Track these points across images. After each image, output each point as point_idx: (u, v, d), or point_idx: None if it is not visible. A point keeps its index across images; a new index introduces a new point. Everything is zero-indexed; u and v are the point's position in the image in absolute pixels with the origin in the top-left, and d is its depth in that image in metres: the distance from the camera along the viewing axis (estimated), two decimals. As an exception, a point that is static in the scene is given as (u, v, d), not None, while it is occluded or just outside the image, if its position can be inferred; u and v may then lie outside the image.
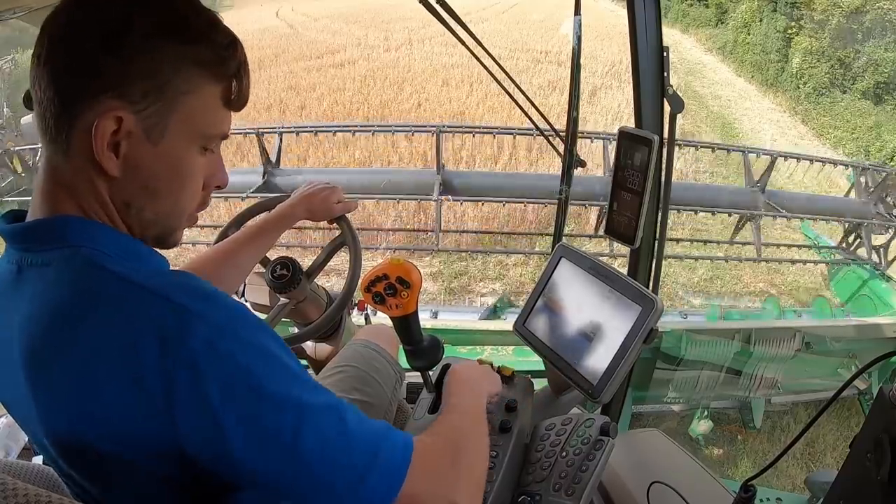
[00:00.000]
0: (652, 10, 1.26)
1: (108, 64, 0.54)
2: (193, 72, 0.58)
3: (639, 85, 1.33)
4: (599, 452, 0.85)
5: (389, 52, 13.93)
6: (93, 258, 0.55)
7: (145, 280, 0.53)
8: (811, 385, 3.26)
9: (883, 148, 9.98)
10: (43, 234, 0.57)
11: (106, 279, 0.53)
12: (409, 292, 0.87)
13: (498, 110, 8.95)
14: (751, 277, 5.60)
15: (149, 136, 0.57)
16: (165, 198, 0.61)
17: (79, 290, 0.53)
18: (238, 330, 0.53)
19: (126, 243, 0.60)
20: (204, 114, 0.60)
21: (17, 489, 0.47)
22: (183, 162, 0.61)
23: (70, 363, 0.51)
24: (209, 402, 0.49)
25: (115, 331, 0.51)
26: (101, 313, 0.52)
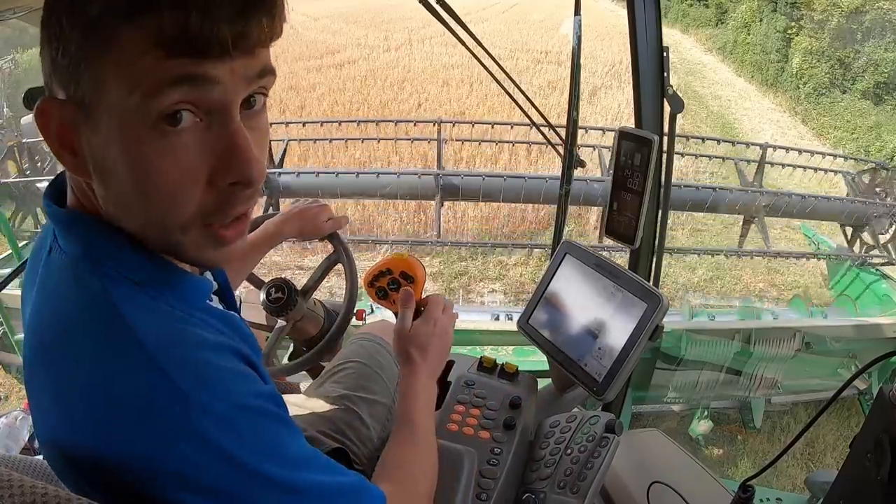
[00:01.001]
0: (652, 10, 1.26)
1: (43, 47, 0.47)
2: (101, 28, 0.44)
3: (639, 85, 1.33)
4: (605, 450, 0.84)
5: (389, 52, 13.93)
6: (109, 286, 0.49)
7: (156, 345, 0.47)
8: (811, 385, 3.27)
9: (883, 148, 9.98)
10: (69, 230, 0.52)
11: (114, 323, 0.47)
12: (413, 287, 0.87)
13: (498, 110, 8.94)
14: (751, 277, 5.60)
15: (87, 123, 0.47)
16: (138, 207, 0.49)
17: (83, 324, 0.48)
18: (241, 425, 0.48)
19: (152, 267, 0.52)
20: (131, 75, 0.44)
21: (13, 480, 0.47)
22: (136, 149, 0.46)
23: (58, 389, 0.48)
24: (199, 484, 0.46)
25: (111, 385, 0.46)
26: (99, 362, 0.47)
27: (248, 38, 0.46)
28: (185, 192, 0.48)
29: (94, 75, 0.45)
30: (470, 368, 1.06)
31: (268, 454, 0.49)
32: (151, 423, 0.45)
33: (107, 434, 0.46)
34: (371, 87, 10.93)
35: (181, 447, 0.45)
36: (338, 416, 1.06)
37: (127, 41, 0.43)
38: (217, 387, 0.48)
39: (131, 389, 0.46)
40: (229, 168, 0.48)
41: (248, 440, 0.48)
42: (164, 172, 0.46)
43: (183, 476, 0.45)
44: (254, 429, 0.49)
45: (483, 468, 0.89)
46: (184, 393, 0.46)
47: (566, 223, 1.90)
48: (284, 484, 0.49)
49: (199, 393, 0.46)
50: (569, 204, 1.84)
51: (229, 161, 0.48)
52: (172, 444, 0.45)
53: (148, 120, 0.45)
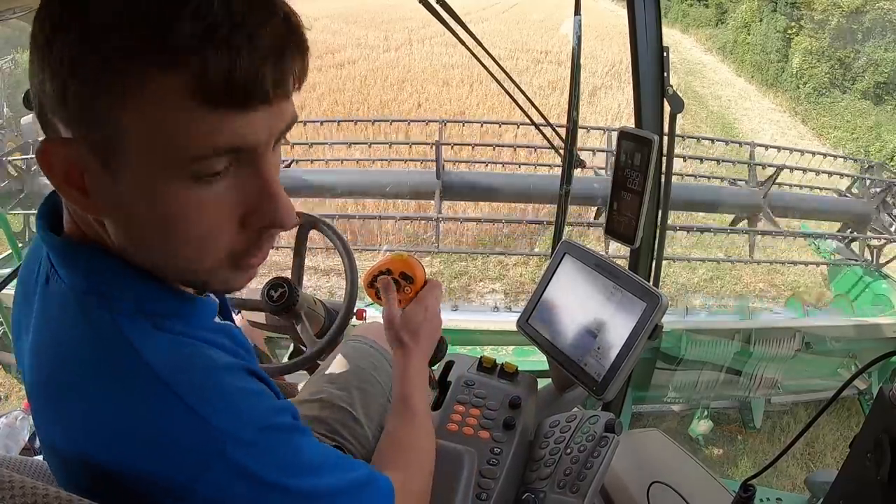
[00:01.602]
0: (652, 10, 1.26)
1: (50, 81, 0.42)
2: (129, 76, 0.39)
3: (639, 85, 1.33)
4: (604, 450, 0.85)
5: (389, 52, 13.92)
6: (116, 317, 0.47)
7: (170, 371, 0.46)
8: (811, 385, 3.26)
9: (883, 148, 9.97)
10: (72, 261, 0.50)
11: (124, 354, 0.46)
12: (413, 287, 0.87)
13: (498, 110, 8.93)
14: (751, 277, 5.60)
15: (106, 167, 0.43)
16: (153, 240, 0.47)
17: (96, 359, 0.47)
18: (265, 446, 0.48)
19: (158, 292, 0.51)
20: (173, 129, 0.40)
21: (14, 481, 0.47)
22: (166, 199, 0.43)
23: (73, 419, 0.47)
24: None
25: (128, 420, 0.46)
26: (115, 395, 0.46)
27: (286, 82, 0.43)
28: (217, 238, 0.47)
29: (115, 118, 0.40)
30: (470, 368, 1.06)
31: (292, 468, 0.50)
32: (179, 456, 0.45)
33: (133, 467, 0.45)
34: (371, 86, 10.92)
35: (210, 476, 0.45)
36: (333, 417, 1.06)
37: (160, 87, 0.39)
38: (239, 412, 0.48)
39: (156, 425, 0.45)
40: (263, 213, 0.47)
41: (273, 460, 0.48)
42: (196, 222, 0.45)
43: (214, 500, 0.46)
44: (277, 447, 0.49)
45: (483, 468, 0.89)
46: (208, 423, 0.45)
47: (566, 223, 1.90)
48: (308, 494, 0.51)
49: (223, 420, 0.46)
50: (569, 204, 1.84)
51: (263, 206, 0.47)
52: (202, 474, 0.45)
53: (182, 173, 0.42)
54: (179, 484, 0.45)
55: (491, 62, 1.55)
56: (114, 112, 0.40)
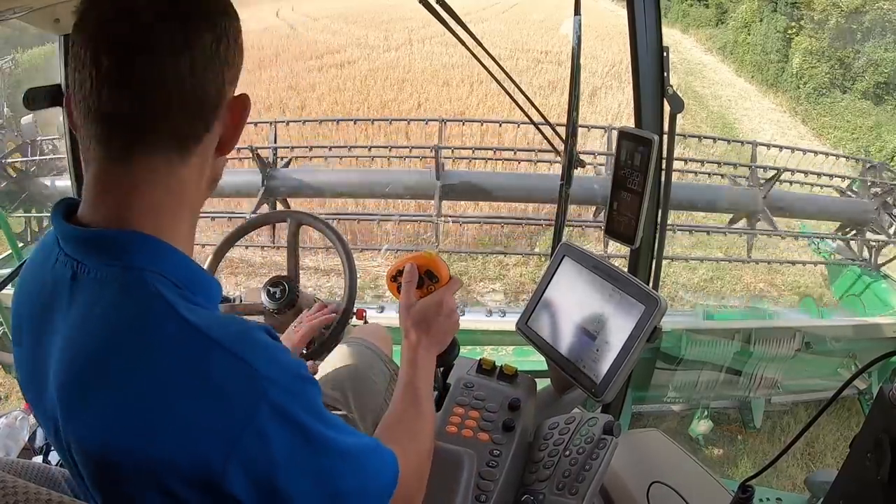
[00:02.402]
0: (652, 10, 1.26)
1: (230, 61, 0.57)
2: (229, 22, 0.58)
3: (639, 85, 1.33)
4: (603, 451, 0.85)
5: (389, 52, 13.92)
6: (157, 287, 0.52)
7: (209, 327, 0.51)
8: (811, 385, 3.27)
9: (883, 148, 9.97)
10: (107, 248, 0.54)
11: (169, 317, 0.51)
12: (437, 286, 0.87)
13: (498, 110, 8.93)
14: (751, 277, 5.60)
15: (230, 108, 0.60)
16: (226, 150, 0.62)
17: (138, 325, 0.51)
18: (299, 391, 0.53)
19: (189, 269, 0.57)
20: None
21: (18, 487, 0.47)
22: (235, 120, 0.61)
23: (117, 395, 0.50)
24: (273, 463, 0.50)
25: (176, 378, 0.49)
26: (162, 355, 0.50)
27: None
28: None
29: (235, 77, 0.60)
30: (469, 370, 1.06)
31: (320, 417, 0.54)
32: (229, 402, 0.49)
33: (179, 427, 0.48)
34: (371, 86, 10.92)
35: (258, 420, 0.49)
36: None
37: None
38: (277, 360, 0.53)
39: (208, 375, 0.49)
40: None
41: (307, 406, 0.53)
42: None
43: (252, 461, 0.48)
44: (307, 394, 0.54)
45: (482, 470, 0.89)
46: (253, 368, 0.50)
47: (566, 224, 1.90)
48: (331, 444, 0.54)
49: (265, 367, 0.51)
50: (569, 204, 1.84)
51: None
52: (250, 419, 0.49)
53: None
54: (219, 446, 0.48)
55: (491, 62, 1.55)
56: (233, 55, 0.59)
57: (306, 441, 0.52)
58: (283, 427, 0.50)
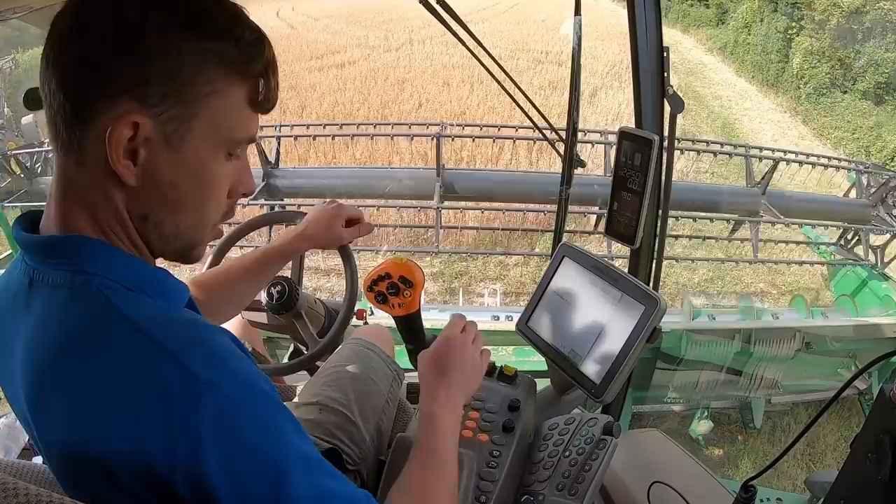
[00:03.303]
0: (652, 10, 1.26)
1: (122, 64, 0.50)
2: (217, 71, 0.53)
3: (639, 85, 1.33)
4: (603, 452, 0.85)
5: (390, 52, 13.92)
6: (104, 292, 0.52)
7: (155, 330, 0.50)
8: (811, 385, 3.26)
9: (884, 148, 9.97)
10: (57, 253, 0.55)
11: (114, 321, 0.51)
12: (412, 291, 0.87)
13: (498, 110, 8.94)
14: (751, 277, 5.59)
15: (168, 142, 0.53)
16: (187, 209, 0.57)
17: (85, 328, 0.51)
18: (244, 403, 0.50)
19: (142, 272, 0.57)
20: (229, 117, 0.56)
21: (19, 489, 0.47)
22: (206, 169, 0.57)
23: (72, 396, 0.50)
24: (206, 474, 0.47)
25: (118, 380, 0.49)
26: (105, 357, 0.50)
27: None
28: (220, 202, 0.61)
29: (193, 106, 0.53)
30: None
31: (273, 438, 0.51)
32: (166, 410, 0.47)
33: (123, 428, 0.48)
34: (372, 87, 10.93)
35: (195, 428, 0.47)
36: (330, 421, 1.06)
37: (234, 94, 0.55)
38: (224, 366, 0.51)
39: (142, 377, 0.48)
40: (244, 185, 0.63)
41: (255, 422, 0.50)
42: (220, 188, 0.60)
43: (193, 460, 0.47)
44: (259, 411, 0.51)
45: (482, 471, 0.89)
46: (193, 374, 0.48)
47: (566, 223, 1.90)
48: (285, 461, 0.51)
49: (208, 373, 0.49)
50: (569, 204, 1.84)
51: (244, 179, 0.62)
52: (187, 426, 0.47)
53: (221, 152, 0.58)
54: (164, 450, 0.47)
55: (491, 62, 1.54)
56: (196, 101, 0.53)
57: (245, 457, 0.49)
58: (221, 438, 0.48)
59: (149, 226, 0.57)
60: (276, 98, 0.59)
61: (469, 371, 0.81)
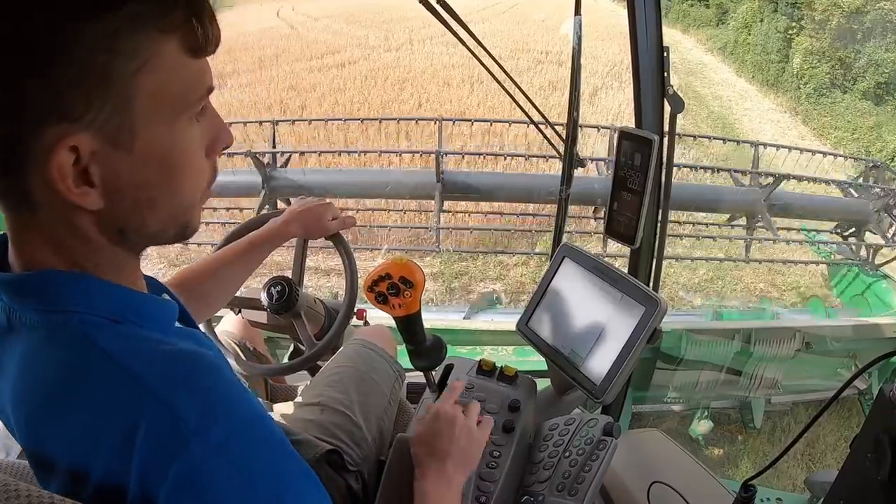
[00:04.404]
0: (652, 10, 1.26)
1: (24, 87, 0.42)
2: (134, 40, 0.44)
3: (639, 85, 1.33)
4: (603, 453, 0.85)
5: (390, 52, 13.92)
6: (83, 330, 0.48)
7: (141, 367, 0.47)
8: (811, 385, 3.26)
9: (884, 148, 9.97)
10: (27, 292, 0.50)
11: (95, 359, 0.47)
12: (413, 292, 0.87)
13: (498, 110, 8.93)
14: (751, 278, 5.59)
15: (117, 146, 0.46)
16: (166, 199, 0.51)
17: (67, 371, 0.48)
18: (233, 448, 0.46)
19: (124, 300, 0.52)
20: (171, 80, 0.47)
21: (20, 490, 0.47)
22: (173, 149, 0.49)
23: (64, 431, 0.48)
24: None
25: (102, 420, 0.46)
26: (90, 398, 0.47)
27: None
28: (202, 171, 0.53)
29: (125, 92, 0.45)
30: (469, 371, 1.06)
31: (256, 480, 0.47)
32: (151, 454, 0.44)
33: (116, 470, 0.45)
34: (372, 87, 10.92)
35: (172, 472, 0.44)
36: (332, 421, 1.06)
37: (164, 53, 0.46)
38: (212, 409, 0.47)
39: (127, 417, 0.45)
40: (221, 139, 0.54)
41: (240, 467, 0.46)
42: (196, 156, 0.52)
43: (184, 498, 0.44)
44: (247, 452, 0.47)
45: (482, 471, 0.89)
46: (180, 419, 0.45)
47: (566, 223, 1.90)
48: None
49: (194, 417, 0.45)
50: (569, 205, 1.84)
51: (219, 134, 0.54)
52: (165, 474, 0.44)
53: (181, 121, 0.49)
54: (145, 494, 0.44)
55: (491, 62, 1.54)
56: (125, 84, 0.44)
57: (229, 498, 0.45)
58: (201, 487, 0.44)
59: (129, 236, 0.51)
60: (218, 34, 0.50)
61: (465, 443, 0.80)
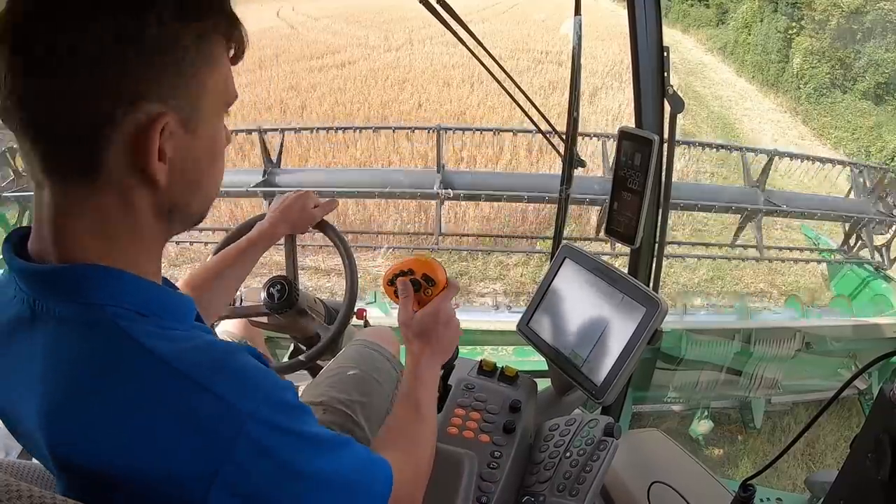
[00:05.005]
0: (652, 10, 1.26)
1: (131, 68, 0.48)
2: (212, 43, 0.54)
3: (639, 85, 1.33)
4: (603, 453, 0.85)
5: (390, 52, 13.92)
6: (118, 323, 0.50)
7: (181, 360, 0.49)
8: (811, 385, 3.26)
9: (884, 148, 9.97)
10: (60, 285, 0.51)
11: (135, 354, 0.49)
12: (433, 290, 0.87)
13: (498, 110, 8.94)
14: (752, 278, 5.59)
15: (187, 129, 0.53)
16: (208, 182, 0.58)
17: (106, 366, 0.49)
18: (280, 422, 0.51)
19: (152, 294, 0.55)
20: (225, 81, 0.57)
21: (22, 490, 0.47)
22: (217, 137, 0.58)
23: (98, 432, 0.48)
24: (255, 494, 0.49)
25: (149, 415, 0.48)
26: (133, 395, 0.48)
27: None
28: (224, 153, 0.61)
29: (202, 84, 0.54)
30: (470, 372, 1.06)
31: (303, 446, 0.53)
32: (204, 440, 0.47)
33: (155, 461, 0.47)
34: (372, 87, 10.92)
35: (236, 456, 0.48)
36: (334, 421, 1.06)
37: (222, 54, 0.56)
38: (255, 389, 0.51)
39: (179, 412, 0.48)
40: (228, 137, 0.61)
41: (291, 437, 0.52)
42: (223, 146, 0.60)
43: (234, 486, 0.48)
44: (290, 424, 0.52)
45: (483, 471, 0.89)
46: (228, 402, 0.49)
47: (566, 224, 1.90)
48: (316, 474, 0.53)
49: (242, 399, 0.49)
50: (569, 205, 1.83)
51: (227, 133, 0.61)
52: (227, 455, 0.47)
53: (223, 115, 0.59)
54: (200, 476, 0.47)
55: (491, 62, 1.54)
56: (201, 79, 0.54)
57: (288, 473, 0.51)
58: (264, 461, 0.49)
59: (175, 217, 0.57)
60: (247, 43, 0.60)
61: (451, 341, 0.87)
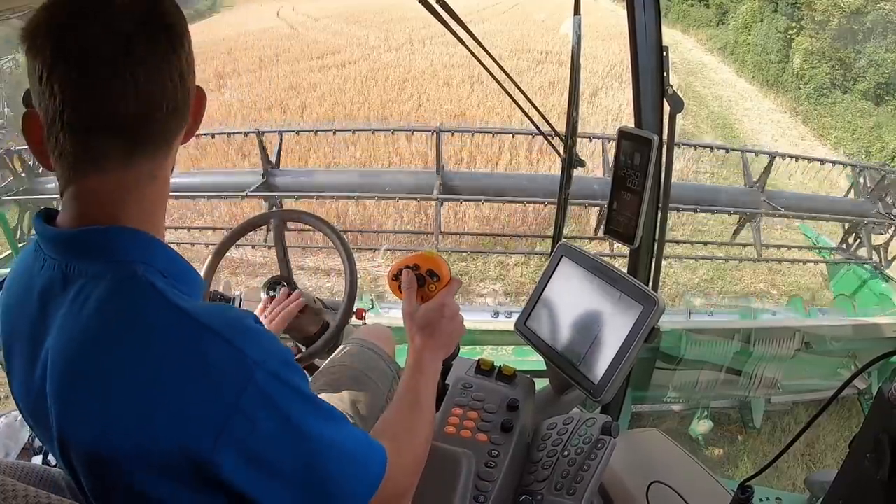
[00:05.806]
0: (652, 10, 1.26)
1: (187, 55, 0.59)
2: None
3: (639, 85, 1.33)
4: (601, 452, 0.85)
5: (390, 52, 13.92)
6: (148, 278, 0.55)
7: (201, 314, 0.53)
8: (811, 385, 3.26)
9: (884, 148, 9.96)
10: (92, 247, 0.56)
11: (162, 306, 0.53)
12: (437, 285, 0.87)
13: (498, 110, 8.94)
14: (751, 278, 5.59)
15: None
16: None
17: (132, 314, 0.53)
18: (286, 377, 0.55)
19: (176, 261, 0.60)
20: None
21: (17, 490, 0.47)
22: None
23: (111, 385, 0.51)
24: (259, 446, 0.52)
25: (168, 362, 0.51)
26: (154, 341, 0.52)
27: None
28: None
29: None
30: (468, 371, 1.06)
31: (306, 405, 0.56)
32: (215, 384, 0.51)
33: (169, 407, 0.50)
34: (372, 87, 10.93)
35: (245, 403, 0.51)
36: None
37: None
38: (264, 344, 0.55)
39: (198, 358, 0.51)
40: None
41: (292, 393, 0.54)
42: None
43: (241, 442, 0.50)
44: (294, 380, 0.55)
45: (481, 471, 0.89)
46: (241, 352, 0.52)
47: (566, 224, 1.90)
48: (322, 433, 0.56)
49: (254, 351, 0.53)
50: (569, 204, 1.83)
51: None
52: (236, 403, 0.50)
53: None
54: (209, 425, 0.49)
55: (491, 62, 1.54)
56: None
57: (291, 426, 0.53)
58: (270, 410, 0.52)
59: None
60: None
61: (454, 335, 0.87)
